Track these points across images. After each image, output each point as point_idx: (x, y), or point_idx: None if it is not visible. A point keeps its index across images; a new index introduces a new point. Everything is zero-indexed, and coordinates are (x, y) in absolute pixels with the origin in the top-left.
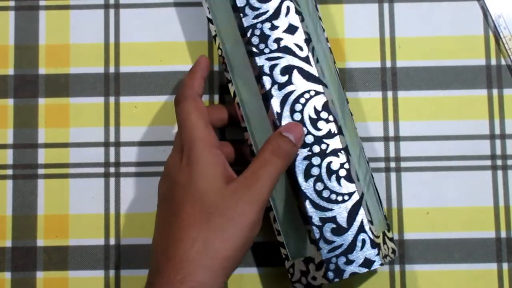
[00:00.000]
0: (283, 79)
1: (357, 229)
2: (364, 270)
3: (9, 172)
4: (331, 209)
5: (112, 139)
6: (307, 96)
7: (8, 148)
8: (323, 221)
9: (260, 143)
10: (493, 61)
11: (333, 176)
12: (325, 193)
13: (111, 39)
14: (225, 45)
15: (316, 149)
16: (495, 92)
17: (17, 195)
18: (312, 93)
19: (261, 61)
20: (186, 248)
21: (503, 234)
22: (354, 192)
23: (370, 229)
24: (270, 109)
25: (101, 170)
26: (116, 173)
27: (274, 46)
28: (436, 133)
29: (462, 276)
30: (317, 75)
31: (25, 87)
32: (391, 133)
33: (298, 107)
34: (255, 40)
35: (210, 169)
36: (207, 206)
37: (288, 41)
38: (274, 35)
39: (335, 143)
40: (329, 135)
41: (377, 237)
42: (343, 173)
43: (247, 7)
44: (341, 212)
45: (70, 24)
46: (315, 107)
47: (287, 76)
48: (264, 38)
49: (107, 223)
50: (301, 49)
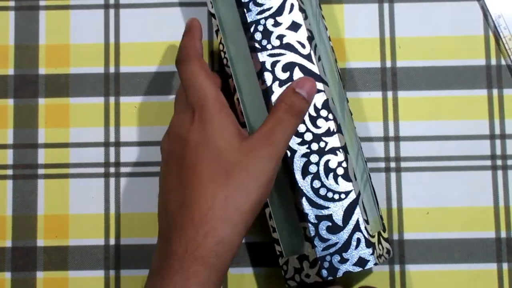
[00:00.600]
0: (284, 76)
1: (352, 227)
2: (358, 269)
3: (9, 172)
4: (328, 207)
5: (112, 139)
6: None
7: (8, 148)
8: (319, 218)
9: None
10: (493, 61)
11: (331, 174)
12: (322, 191)
13: (111, 39)
14: (227, 41)
15: (314, 146)
16: (495, 92)
17: (17, 195)
18: None
19: (263, 57)
20: (206, 203)
21: (503, 234)
22: (351, 191)
23: (365, 228)
24: (270, 105)
25: (101, 170)
26: (116, 173)
27: (276, 42)
28: (436, 133)
29: (462, 276)
30: (318, 73)
31: (25, 87)
32: (391, 133)
33: None
34: (257, 36)
35: (224, 127)
36: (225, 162)
37: (290, 38)
38: (277, 31)
39: (333, 142)
40: (328, 133)
41: (372, 237)
42: (340, 171)
43: (251, 3)
44: (337, 210)
45: (70, 24)
46: (315, 105)
47: (288, 73)
48: (267, 34)
49: (107, 223)
50: (303, 46)
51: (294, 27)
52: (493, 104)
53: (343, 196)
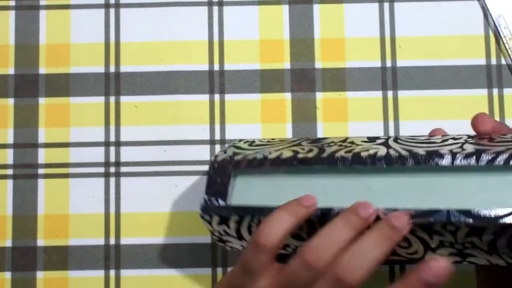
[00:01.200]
0: None
1: None
2: None
3: (10, 171)
4: None
5: (112, 138)
6: None
7: (8, 148)
8: None
9: None
10: (493, 61)
11: None
12: None
13: (111, 39)
14: None
15: None
16: (495, 91)
17: (17, 195)
18: None
19: None
20: None
21: None
22: None
23: None
24: None
25: (101, 170)
26: (116, 173)
27: None
28: None
29: (462, 276)
30: None
31: (26, 87)
32: (391, 133)
33: None
34: None
35: None
36: None
37: None
38: None
39: None
40: None
41: None
42: None
43: None
44: None
45: (70, 23)
46: None
47: None
48: None
49: (107, 223)
50: None
51: None
52: (493, 103)
53: None
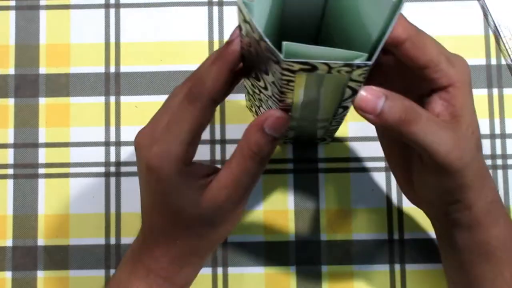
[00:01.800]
0: None
1: None
2: None
3: (10, 171)
4: None
5: (112, 138)
6: None
7: (8, 147)
8: None
9: None
10: (493, 61)
11: None
12: None
13: (111, 39)
14: None
15: None
16: (495, 91)
17: (17, 194)
18: None
19: None
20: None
21: None
22: None
23: None
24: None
25: (102, 169)
26: (116, 173)
27: None
28: None
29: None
30: None
31: (26, 87)
32: None
33: None
34: None
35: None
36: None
37: None
38: None
39: None
40: None
41: None
42: None
43: None
44: None
45: (70, 23)
46: None
47: None
48: None
49: (108, 223)
50: None
51: None
52: (493, 103)
53: None
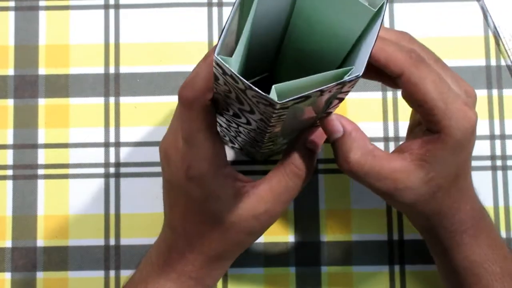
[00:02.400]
0: None
1: None
2: None
3: (9, 172)
4: None
5: (112, 139)
6: None
7: (8, 148)
8: None
9: None
10: (493, 62)
11: None
12: None
13: (111, 40)
14: None
15: None
16: (495, 92)
17: (17, 195)
18: None
19: None
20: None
21: (503, 234)
22: None
23: None
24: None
25: (101, 170)
26: (116, 174)
27: None
28: None
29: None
30: None
31: (25, 87)
32: (391, 133)
33: None
34: None
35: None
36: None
37: None
38: None
39: None
40: None
41: None
42: None
43: None
44: None
45: (70, 24)
46: None
47: None
48: None
49: (107, 224)
50: None
51: None
52: (493, 104)
53: None
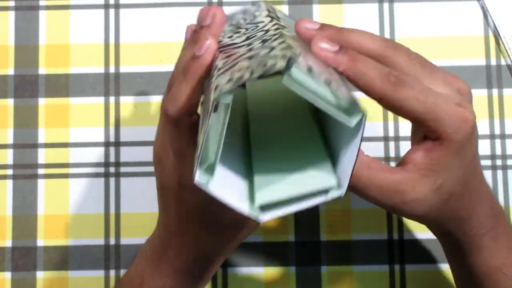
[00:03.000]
0: None
1: None
2: None
3: (9, 172)
4: None
5: (112, 139)
6: None
7: (8, 148)
8: None
9: None
10: (493, 61)
11: None
12: None
13: (111, 39)
14: None
15: None
16: (495, 92)
17: (17, 195)
18: None
19: None
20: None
21: None
22: None
23: None
24: None
25: (101, 170)
26: (116, 173)
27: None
28: None
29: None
30: None
31: (25, 87)
32: (391, 133)
33: None
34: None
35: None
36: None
37: None
38: None
39: None
40: None
41: None
42: None
43: None
44: None
45: (70, 24)
46: None
47: None
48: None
49: (107, 223)
50: None
51: None
52: (493, 104)
53: None
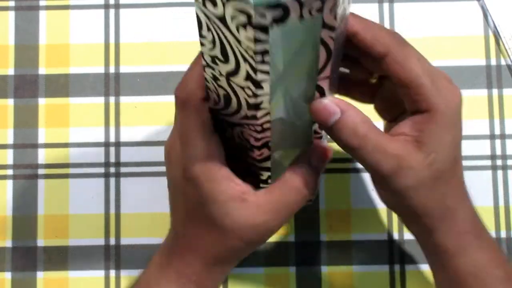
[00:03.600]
0: None
1: None
2: None
3: (9, 172)
4: None
5: (112, 139)
6: None
7: (8, 148)
8: None
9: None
10: (493, 61)
11: None
12: None
13: (111, 39)
14: None
15: None
16: (495, 92)
17: (17, 195)
18: None
19: None
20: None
21: (503, 234)
22: None
23: None
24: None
25: (101, 170)
26: (116, 173)
27: None
28: None
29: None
30: None
31: (25, 87)
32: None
33: None
34: None
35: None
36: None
37: None
38: None
39: None
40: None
41: None
42: None
43: None
44: None
45: (70, 24)
46: None
47: None
48: None
49: (107, 223)
50: None
51: None
52: (493, 104)
53: None
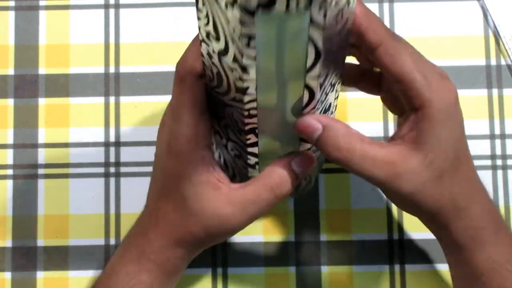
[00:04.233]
0: None
1: None
2: None
3: (9, 172)
4: None
5: (112, 139)
6: None
7: (8, 148)
8: None
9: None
10: (493, 61)
11: None
12: None
13: (111, 39)
14: None
15: None
16: (495, 92)
17: (17, 195)
18: None
19: None
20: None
21: None
22: None
23: None
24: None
25: (101, 170)
26: (116, 173)
27: None
28: None
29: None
30: None
31: (25, 87)
32: (391, 133)
33: None
34: None
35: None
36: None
37: None
38: None
39: None
40: None
41: None
42: None
43: None
44: None
45: (70, 24)
46: None
47: None
48: None
49: (107, 223)
50: None
51: None
52: (493, 104)
53: None
